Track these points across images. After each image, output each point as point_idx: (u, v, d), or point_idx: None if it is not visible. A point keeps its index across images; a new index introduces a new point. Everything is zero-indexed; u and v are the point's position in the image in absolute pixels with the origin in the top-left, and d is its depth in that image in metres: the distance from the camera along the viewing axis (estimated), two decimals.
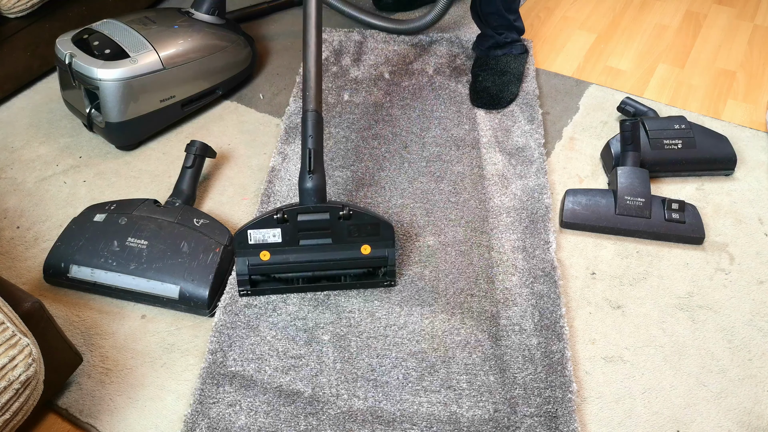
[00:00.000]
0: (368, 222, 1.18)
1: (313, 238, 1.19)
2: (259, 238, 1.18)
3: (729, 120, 1.66)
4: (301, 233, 1.18)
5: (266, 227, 1.17)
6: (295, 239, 1.18)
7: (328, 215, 1.17)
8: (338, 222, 1.17)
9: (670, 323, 1.21)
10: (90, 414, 1.08)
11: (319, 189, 1.18)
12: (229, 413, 1.06)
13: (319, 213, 1.17)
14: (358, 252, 1.19)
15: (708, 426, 1.07)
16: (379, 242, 1.19)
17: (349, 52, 1.85)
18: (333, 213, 1.17)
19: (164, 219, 1.26)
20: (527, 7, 2.09)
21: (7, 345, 0.85)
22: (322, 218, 1.17)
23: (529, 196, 1.43)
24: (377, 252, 1.20)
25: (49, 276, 1.25)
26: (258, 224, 1.17)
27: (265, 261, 1.19)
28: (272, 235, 1.18)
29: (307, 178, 1.17)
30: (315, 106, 1.22)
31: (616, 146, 1.46)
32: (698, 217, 1.35)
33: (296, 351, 1.15)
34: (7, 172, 1.53)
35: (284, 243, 1.18)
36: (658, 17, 2.05)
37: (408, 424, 1.05)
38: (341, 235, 1.19)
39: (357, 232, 1.18)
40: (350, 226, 1.18)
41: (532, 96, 1.69)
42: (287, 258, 1.19)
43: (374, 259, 1.20)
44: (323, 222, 1.17)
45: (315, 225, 1.17)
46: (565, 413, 1.06)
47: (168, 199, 1.34)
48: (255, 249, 1.18)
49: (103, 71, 1.42)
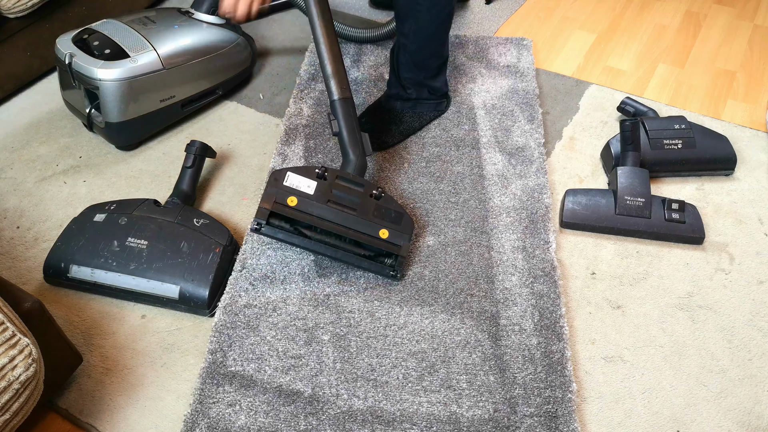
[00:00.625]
0: (394, 209, 1.24)
1: (341, 204, 1.23)
2: (295, 183, 1.23)
3: (729, 120, 1.66)
4: (333, 194, 1.23)
5: (305, 176, 1.24)
6: (325, 198, 1.22)
7: (362, 188, 1.24)
8: (368, 199, 1.23)
9: (670, 323, 1.21)
10: (90, 414, 1.08)
11: (362, 166, 1.30)
12: (229, 413, 1.06)
13: (355, 183, 1.25)
14: (376, 232, 1.22)
15: (708, 426, 1.07)
16: (397, 232, 1.23)
17: (348, 53, 1.85)
18: (367, 188, 1.24)
19: (164, 219, 1.26)
20: (527, 7, 2.09)
21: (7, 345, 0.85)
22: (356, 189, 1.24)
23: (529, 196, 1.43)
24: (393, 239, 1.22)
25: (49, 276, 1.25)
26: (299, 170, 1.24)
27: (290, 205, 1.22)
28: (306, 186, 1.23)
29: (350, 153, 1.29)
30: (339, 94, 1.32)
31: (616, 146, 1.46)
32: (698, 217, 1.35)
33: (296, 351, 1.15)
34: (7, 172, 1.53)
35: (314, 197, 1.22)
36: (658, 17, 2.05)
37: (408, 424, 1.05)
38: (366, 211, 1.23)
39: (381, 215, 1.23)
40: (377, 206, 1.23)
41: (532, 96, 1.69)
42: (311, 210, 1.22)
43: (388, 244, 1.22)
44: (356, 192, 1.23)
45: (348, 192, 1.23)
46: (565, 413, 1.06)
47: (168, 199, 1.34)
48: (286, 191, 1.23)
49: (103, 71, 1.42)
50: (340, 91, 1.32)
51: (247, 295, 1.24)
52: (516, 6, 2.08)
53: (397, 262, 1.22)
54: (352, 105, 1.33)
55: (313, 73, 1.78)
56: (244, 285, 1.25)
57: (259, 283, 1.26)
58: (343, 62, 1.36)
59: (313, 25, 1.36)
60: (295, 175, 1.24)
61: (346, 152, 1.30)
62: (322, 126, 1.61)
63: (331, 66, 1.33)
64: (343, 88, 1.33)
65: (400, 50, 1.52)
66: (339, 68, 1.34)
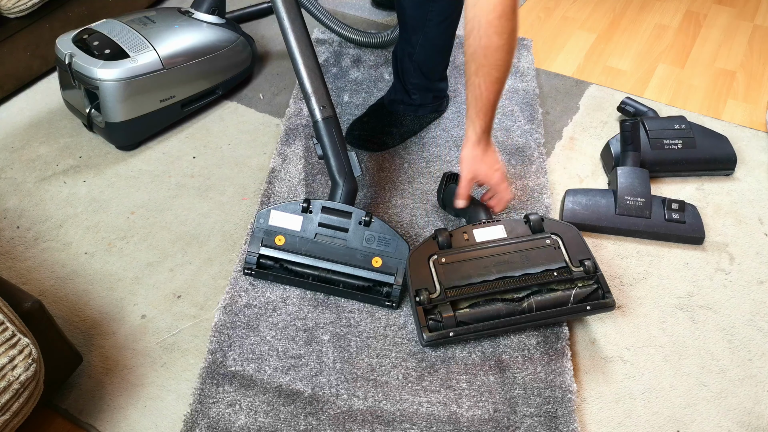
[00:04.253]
0: (386, 234, 1.19)
1: (329, 236, 1.20)
2: (280, 221, 1.21)
3: (729, 120, 1.66)
4: (320, 227, 1.20)
5: (290, 212, 1.21)
6: (312, 233, 1.20)
7: (350, 217, 1.19)
8: (357, 226, 1.19)
9: (670, 323, 1.21)
10: (90, 414, 1.08)
11: (350, 190, 1.23)
12: (229, 413, 1.06)
13: (342, 213, 1.20)
14: (368, 262, 1.19)
15: (708, 426, 1.07)
16: (391, 258, 1.19)
17: (348, 54, 1.85)
18: (355, 216, 1.19)
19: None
20: (527, 7, 2.09)
21: (7, 345, 0.85)
22: (343, 217, 1.20)
23: (529, 196, 1.42)
24: (386, 268, 1.19)
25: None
26: (283, 207, 1.22)
27: (278, 245, 1.21)
28: (292, 222, 1.21)
29: (337, 177, 1.23)
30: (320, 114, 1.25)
31: (616, 146, 1.46)
32: (698, 217, 1.35)
33: (296, 351, 1.15)
34: (7, 172, 1.53)
35: (300, 233, 1.21)
36: (658, 17, 2.05)
37: (408, 423, 1.05)
38: (356, 240, 1.19)
39: (372, 241, 1.19)
40: (367, 233, 1.19)
41: (532, 96, 1.69)
42: (299, 247, 1.21)
43: (382, 273, 1.19)
44: (343, 221, 1.20)
45: (335, 222, 1.20)
46: (564, 413, 1.06)
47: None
48: (272, 231, 1.21)
49: (103, 71, 1.42)
50: (320, 110, 1.25)
51: (247, 295, 1.24)
52: None
53: (392, 290, 1.19)
54: (335, 124, 1.26)
55: None
56: (244, 285, 1.25)
57: (259, 283, 1.26)
58: (322, 75, 1.28)
59: (285, 37, 1.28)
60: (278, 212, 1.22)
61: (333, 177, 1.24)
62: None
63: (308, 83, 1.25)
64: (323, 107, 1.25)
65: (406, 58, 1.49)
66: (317, 85, 1.25)
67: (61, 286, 1.28)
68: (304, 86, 1.26)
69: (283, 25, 1.28)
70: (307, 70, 1.25)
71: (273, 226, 1.22)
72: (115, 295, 1.26)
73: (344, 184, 1.23)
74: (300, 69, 1.26)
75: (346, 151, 1.26)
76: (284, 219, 1.21)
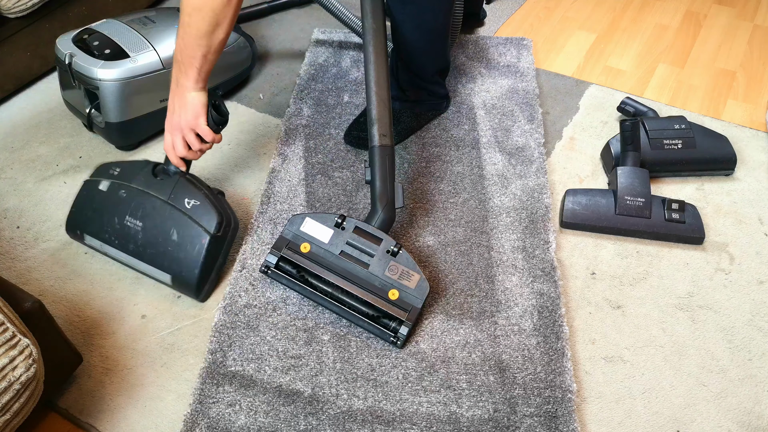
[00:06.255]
0: (410, 269, 1.17)
1: (353, 257, 1.19)
2: (311, 229, 1.21)
3: (729, 120, 1.66)
4: (347, 245, 1.20)
5: (323, 223, 1.22)
6: (338, 249, 1.20)
7: (380, 243, 1.19)
8: (384, 254, 1.18)
9: (670, 323, 1.21)
10: (90, 414, 1.08)
11: (388, 219, 1.23)
12: (229, 413, 1.06)
13: (373, 237, 1.19)
14: (385, 292, 1.16)
15: (708, 426, 1.07)
16: (409, 294, 1.16)
17: (349, 54, 1.85)
18: (385, 243, 1.18)
19: (158, 197, 1.24)
20: (527, 7, 2.09)
21: (8, 346, 0.85)
22: (373, 242, 1.19)
23: (528, 196, 1.43)
24: (402, 303, 1.15)
25: (70, 235, 1.35)
26: (318, 216, 1.23)
27: (302, 251, 1.21)
28: (323, 233, 1.21)
29: (378, 204, 1.23)
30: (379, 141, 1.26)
31: (616, 146, 1.46)
32: (698, 217, 1.35)
33: (296, 351, 1.16)
34: (7, 172, 1.53)
35: (327, 246, 1.20)
36: (658, 17, 2.05)
37: (408, 423, 1.05)
38: (379, 268, 1.18)
39: (395, 273, 1.17)
40: (392, 263, 1.17)
41: (532, 96, 1.69)
42: (322, 260, 1.20)
43: (395, 308, 1.15)
44: (372, 246, 1.19)
45: (363, 245, 1.19)
46: (564, 413, 1.06)
47: (162, 165, 1.30)
48: (301, 236, 1.22)
49: (103, 71, 1.42)
50: (380, 137, 1.26)
51: (247, 295, 1.24)
52: (516, 6, 2.08)
53: (400, 327, 1.14)
54: (390, 154, 1.26)
55: (313, 73, 1.78)
56: (244, 285, 1.25)
57: (259, 283, 1.26)
58: (390, 107, 1.30)
59: (366, 65, 1.31)
60: (312, 221, 1.22)
61: (374, 203, 1.24)
62: (322, 126, 1.61)
63: (376, 111, 1.28)
64: (382, 135, 1.26)
65: (394, 54, 1.51)
66: (384, 114, 1.28)
67: (61, 286, 1.28)
68: (371, 112, 1.28)
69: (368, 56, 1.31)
70: (378, 99, 1.28)
71: (302, 233, 1.22)
72: (115, 295, 1.26)
73: (383, 211, 1.23)
74: (372, 97, 1.29)
75: (393, 182, 1.26)
76: (316, 228, 1.21)
